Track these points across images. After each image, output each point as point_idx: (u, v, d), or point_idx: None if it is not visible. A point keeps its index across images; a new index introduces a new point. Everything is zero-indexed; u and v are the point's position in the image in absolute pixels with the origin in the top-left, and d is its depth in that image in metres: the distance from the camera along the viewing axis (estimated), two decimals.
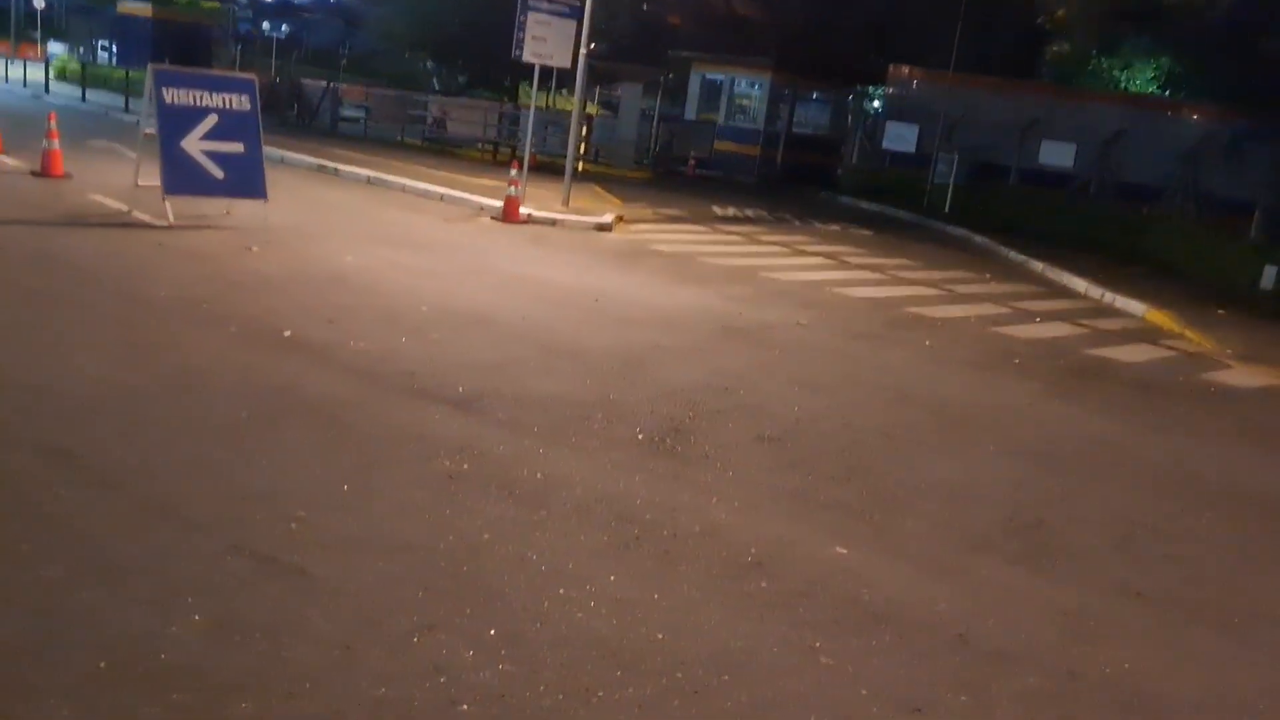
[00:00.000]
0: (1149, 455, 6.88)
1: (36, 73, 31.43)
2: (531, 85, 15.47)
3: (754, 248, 14.93)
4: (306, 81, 29.86)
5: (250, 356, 6.36)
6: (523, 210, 14.50)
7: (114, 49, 35.72)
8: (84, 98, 26.97)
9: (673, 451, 5.61)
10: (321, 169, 17.88)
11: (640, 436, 5.78)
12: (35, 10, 44.79)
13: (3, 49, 41.30)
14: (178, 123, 10.53)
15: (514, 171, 14.40)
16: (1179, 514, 5.74)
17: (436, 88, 36.22)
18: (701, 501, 4.95)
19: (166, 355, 6.20)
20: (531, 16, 14.73)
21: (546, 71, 24.47)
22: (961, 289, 13.29)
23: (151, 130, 10.56)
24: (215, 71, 14.19)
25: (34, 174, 12.86)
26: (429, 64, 42.07)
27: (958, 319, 11.01)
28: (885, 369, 8.34)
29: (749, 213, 19.39)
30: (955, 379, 8.34)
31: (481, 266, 10.57)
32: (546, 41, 14.89)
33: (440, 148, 25.41)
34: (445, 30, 33.48)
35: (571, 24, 14.85)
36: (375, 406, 5.72)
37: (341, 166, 17.77)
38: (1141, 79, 31.48)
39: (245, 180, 10.98)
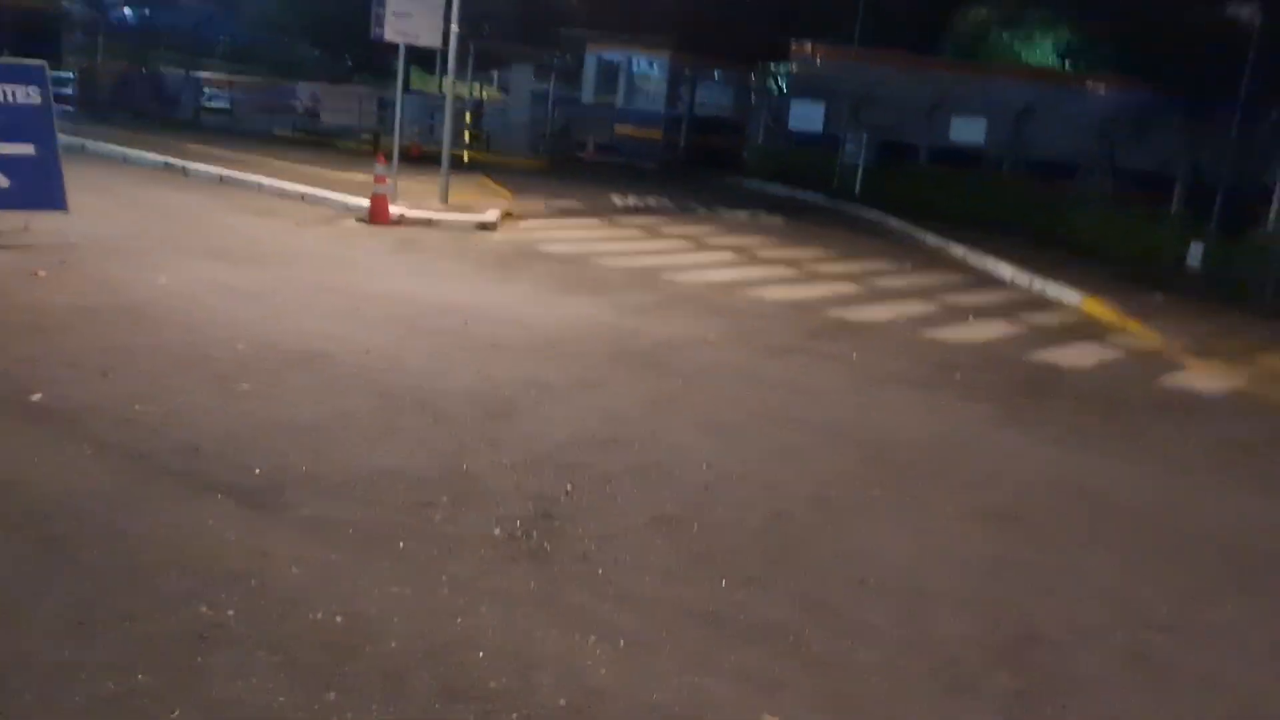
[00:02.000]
0: (1136, 505, 5.61)
1: None
2: (401, 67, 13.75)
3: (656, 243, 13.50)
4: (167, 71, 27.49)
5: None
6: (394, 210, 12.82)
7: None
8: None
9: (539, 554, 4.13)
10: (169, 168, 15.89)
11: (497, 532, 4.28)
12: None
13: None
14: None
15: (380, 166, 12.70)
16: (1197, 600, 4.47)
17: (321, 75, 33.97)
18: (574, 646, 3.48)
19: None
20: None
21: (432, 55, 22.70)
22: (883, 283, 12.04)
23: None
24: None
25: None
26: (311, 50, 39.72)
27: (884, 323, 9.72)
28: (810, 397, 6.96)
29: (651, 202, 17.95)
30: (892, 405, 7.02)
31: (330, 283, 8.91)
32: (411, 18, 13.18)
33: (314, 140, 23.42)
34: (322, 13, 31.33)
35: None
36: (125, 509, 4.11)
37: (192, 164, 15.79)
38: (1041, 51, 30.92)
39: (37, 188, 9.11)
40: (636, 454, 5.36)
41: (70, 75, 23.75)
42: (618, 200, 17.84)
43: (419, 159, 18.29)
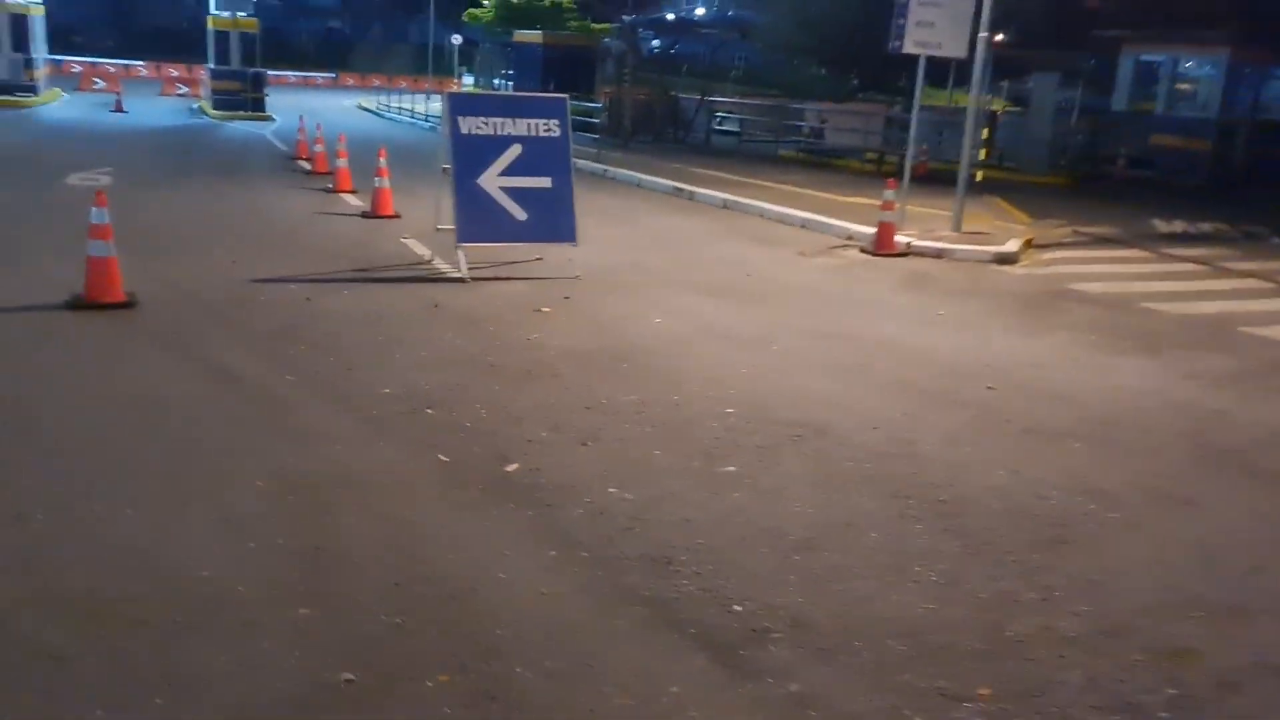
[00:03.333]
0: None
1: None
2: (916, 81, 12.54)
3: (1221, 283, 10.97)
4: (683, 97, 28.65)
5: (421, 517, 4.22)
6: (900, 238, 11.64)
7: (510, 75, 36.84)
8: None
9: None
10: (677, 193, 16.05)
11: None
12: (453, 46, 48.22)
13: (421, 84, 44.57)
14: (474, 157, 8.89)
15: (889, 192, 11.57)
16: None
17: (827, 95, 33.79)
18: None
19: (301, 522, 4.20)
20: None
21: (942, 67, 21.19)
22: None
23: (449, 166, 8.99)
24: (522, 94, 12.72)
25: (365, 215, 12.00)
26: (819, 70, 39.85)
27: None
28: None
29: (1205, 228, 15.05)
30: None
31: (830, 327, 7.92)
32: (934, 26, 11.89)
33: (818, 160, 22.94)
34: (833, 32, 30.99)
35: (966, 2, 11.73)
36: (578, 647, 3.32)
37: (697, 190, 15.81)
38: None
39: (551, 222, 9.13)
40: (1269, 655, 3.64)
41: (598, 106, 25.41)
42: (1161, 226, 15.17)
43: (925, 178, 16.90)
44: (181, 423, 5.06)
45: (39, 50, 28.19)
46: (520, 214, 8.99)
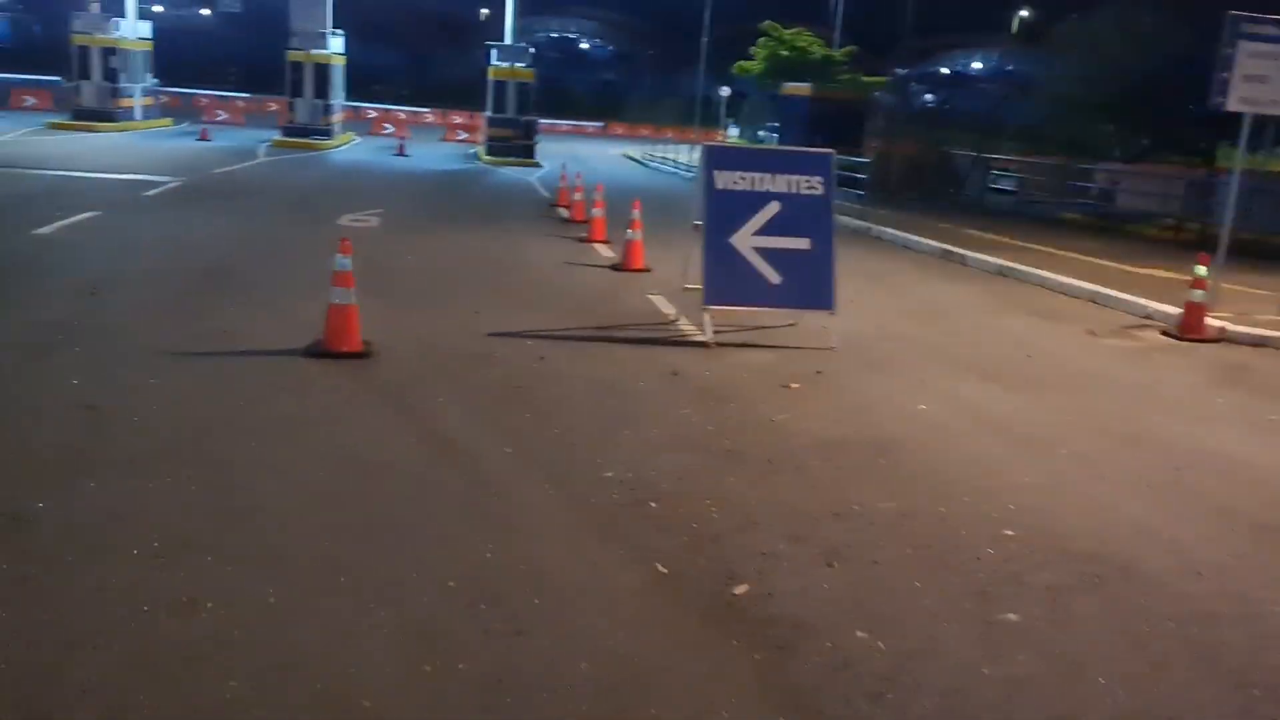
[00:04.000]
0: None
1: None
2: (1242, 140, 10.89)
3: None
4: (956, 152, 27.18)
5: (626, 648, 3.51)
6: (1211, 321, 10.04)
7: (776, 128, 36.41)
8: None
9: None
10: (946, 256, 14.87)
11: None
12: (720, 98, 48.56)
13: (688, 134, 45.03)
14: (728, 213, 8.27)
15: (1201, 268, 10.01)
16: None
17: (1115, 154, 31.24)
18: None
19: (488, 642, 3.59)
20: (1243, 49, 10.24)
21: (1258, 126, 18.78)
22: None
23: (701, 222, 8.42)
24: (784, 149, 12.03)
25: (614, 267, 11.67)
26: (1106, 127, 37.03)
27: None
28: None
29: None
30: None
31: (1129, 428, 6.67)
32: (1266, 82, 10.27)
33: (1106, 225, 20.94)
34: (1124, 88, 28.58)
35: None
36: None
37: (970, 253, 14.57)
38: None
39: (807, 287, 8.36)
40: None
41: (865, 161, 24.46)
42: None
43: (1236, 251, 14.82)
44: (383, 498, 4.63)
45: (336, 97, 30.38)
46: (774, 277, 8.27)
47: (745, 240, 8.24)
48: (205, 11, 77.29)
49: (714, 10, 43.99)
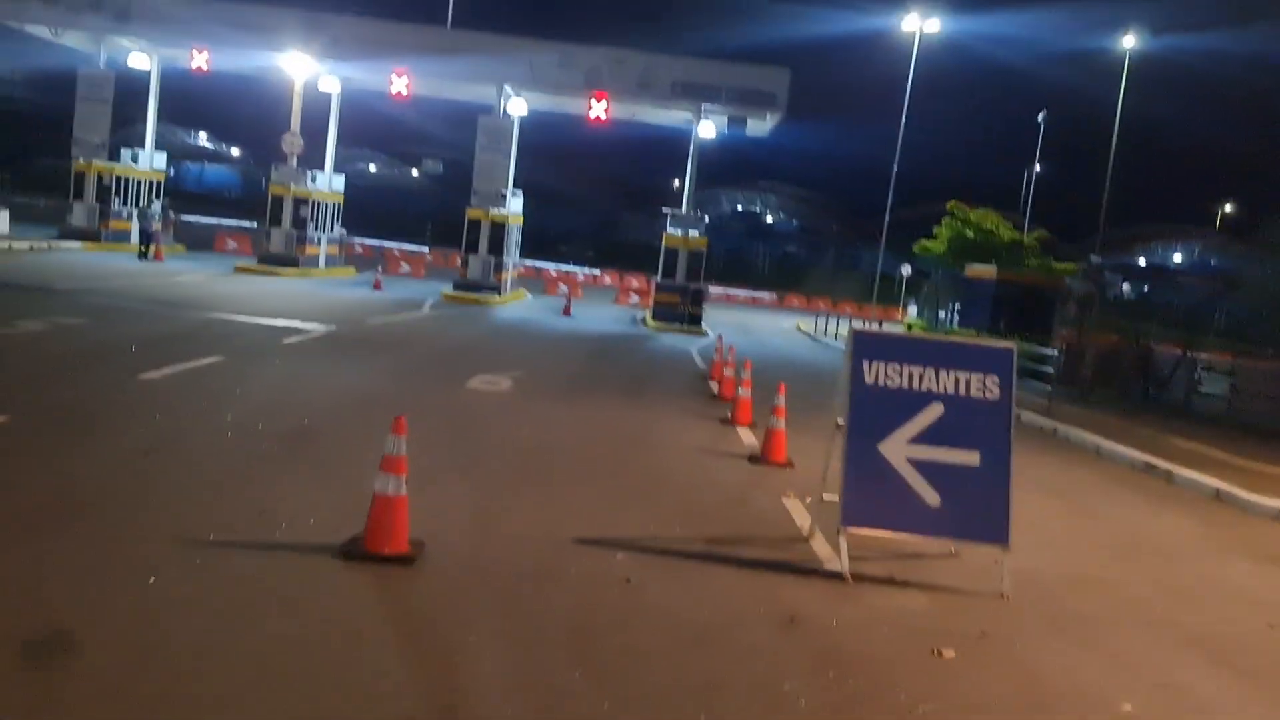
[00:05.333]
0: None
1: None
2: None
3: None
4: (1159, 348, 24.67)
5: None
6: None
7: (957, 309, 34.61)
8: None
9: None
10: (1149, 470, 12.71)
11: None
12: (902, 275, 47.15)
13: (865, 311, 43.65)
14: (878, 414, 6.76)
15: None
16: None
17: None
18: None
19: None
20: None
21: None
22: None
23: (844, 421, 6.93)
24: (954, 339, 10.49)
25: (752, 458, 10.22)
26: None
27: None
28: None
29: None
30: None
31: None
32: None
33: None
34: None
35: None
36: None
37: (1178, 470, 12.38)
38: None
39: (974, 512, 6.68)
40: None
41: (1053, 352, 22.41)
42: None
43: None
44: None
45: (510, 255, 30.65)
46: (932, 496, 6.64)
47: (898, 449, 6.68)
48: (415, 172, 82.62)
49: (899, 188, 43.24)
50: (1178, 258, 73.30)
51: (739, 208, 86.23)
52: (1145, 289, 53.85)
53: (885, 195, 43.21)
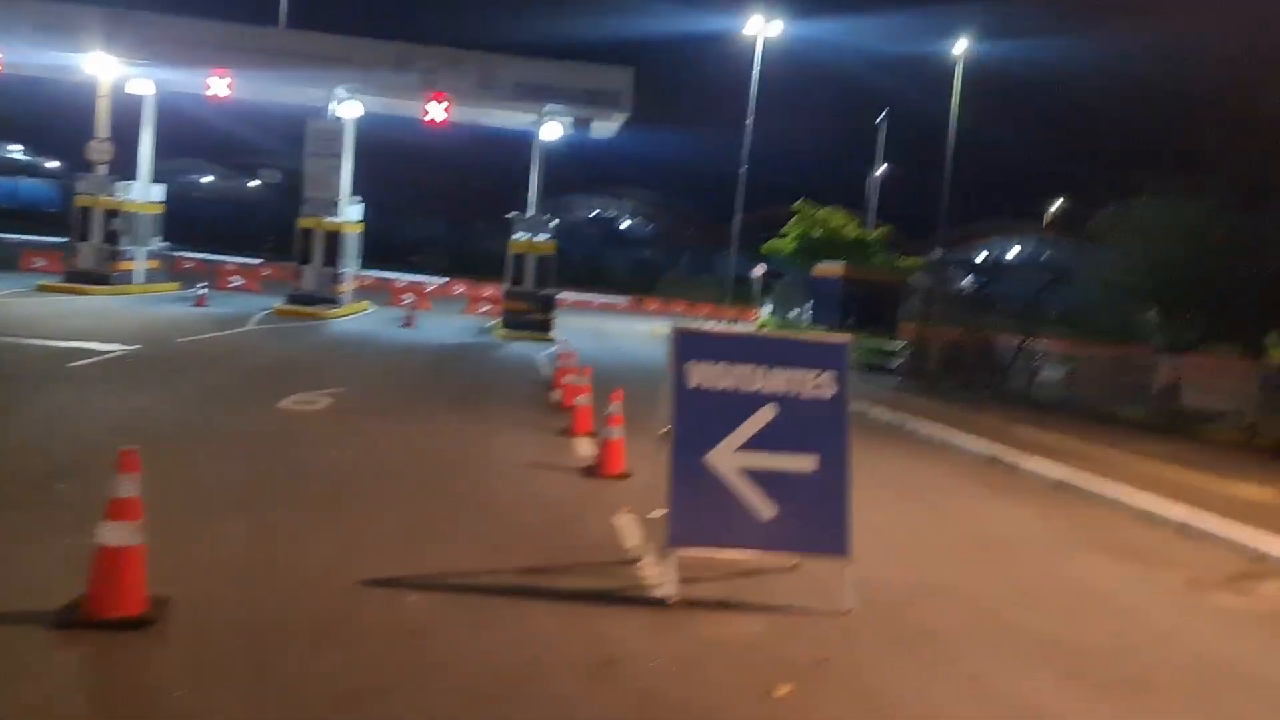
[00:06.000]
0: None
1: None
2: None
3: None
4: (998, 338, 25.14)
5: None
6: None
7: (810, 307, 34.78)
8: None
9: None
10: (993, 462, 12.56)
11: None
12: (754, 277, 47.39)
13: (722, 312, 43.70)
14: (703, 420, 6.12)
15: None
16: None
17: (1159, 345, 29.15)
18: None
19: None
20: None
21: None
22: None
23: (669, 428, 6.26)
24: (784, 335, 10.02)
25: (586, 470, 9.50)
26: (1152, 315, 35.08)
27: None
28: None
29: None
30: None
31: None
32: None
33: (1169, 425, 18.54)
34: (1175, 274, 26.79)
35: None
36: None
37: (1022, 459, 12.27)
38: None
39: (812, 522, 6.10)
40: None
41: (899, 345, 22.52)
42: None
43: None
44: None
45: (347, 265, 29.14)
46: (767, 508, 6.03)
47: (728, 458, 6.05)
48: (253, 183, 79.13)
49: (751, 190, 43.41)
50: (1013, 252, 76.36)
51: (594, 213, 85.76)
52: (986, 282, 55.73)
53: (737, 198, 43.33)
